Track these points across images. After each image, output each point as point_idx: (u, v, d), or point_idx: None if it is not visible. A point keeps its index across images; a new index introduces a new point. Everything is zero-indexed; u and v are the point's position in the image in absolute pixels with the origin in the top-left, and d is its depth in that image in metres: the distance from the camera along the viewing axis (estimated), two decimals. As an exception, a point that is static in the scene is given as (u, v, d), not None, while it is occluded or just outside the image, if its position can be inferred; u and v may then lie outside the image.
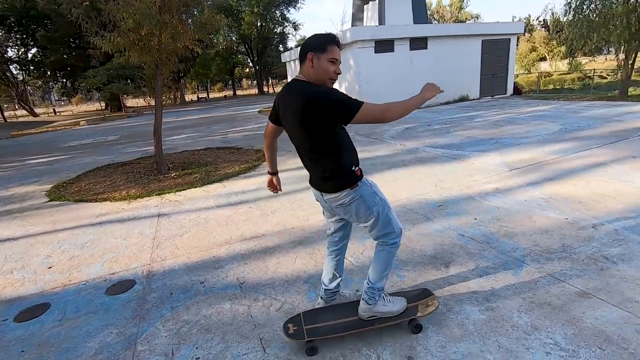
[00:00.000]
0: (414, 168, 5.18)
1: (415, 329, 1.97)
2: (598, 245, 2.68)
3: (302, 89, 1.64)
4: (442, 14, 44.94)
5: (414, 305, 2.03)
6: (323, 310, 2.08)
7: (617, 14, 10.36)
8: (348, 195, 1.73)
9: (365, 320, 1.95)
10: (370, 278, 1.92)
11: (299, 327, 1.92)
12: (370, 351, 1.87)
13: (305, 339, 1.86)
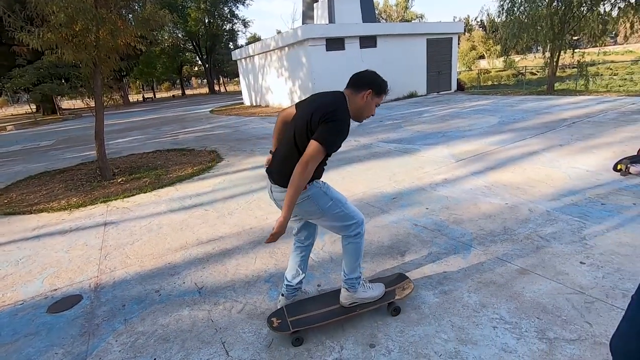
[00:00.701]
0: (368, 163, 5.32)
1: (394, 311, 2.07)
2: (534, 226, 2.95)
3: (338, 102, 1.74)
4: (389, 13, 46.48)
5: (391, 289, 2.14)
6: (305, 302, 2.12)
7: (542, 16, 11.40)
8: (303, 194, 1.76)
9: (347, 307, 2.02)
10: (346, 271, 1.99)
11: (283, 320, 1.95)
12: (333, 343, 1.90)
13: (290, 330, 1.89)
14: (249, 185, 4.74)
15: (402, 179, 4.41)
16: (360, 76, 1.80)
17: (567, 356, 1.69)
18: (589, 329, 1.84)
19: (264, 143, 7.57)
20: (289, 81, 14.33)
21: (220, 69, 45.29)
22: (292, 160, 1.69)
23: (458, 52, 39.22)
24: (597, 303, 2.02)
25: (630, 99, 8.89)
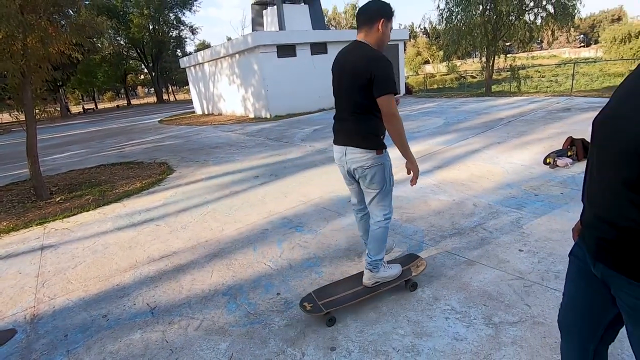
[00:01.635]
0: (324, 167, 5.39)
1: (411, 287, 2.27)
2: (478, 220, 3.16)
3: (370, 53, 1.82)
4: (338, 20, 47.64)
5: (407, 267, 2.35)
6: (330, 286, 2.26)
7: (477, 24, 12.32)
8: (373, 158, 1.93)
9: (371, 287, 2.18)
10: (371, 254, 2.15)
11: (314, 304, 2.07)
12: (295, 350, 1.90)
13: (323, 312, 2.01)
14: (203, 197, 4.59)
15: (357, 182, 4.51)
16: (367, 9, 1.87)
17: (511, 338, 1.82)
18: (529, 310, 2.01)
19: (218, 152, 7.39)
20: (242, 88, 14.14)
21: (168, 77, 43.51)
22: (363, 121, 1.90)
23: (405, 57, 41.08)
24: (534, 286, 2.20)
25: (555, 99, 9.85)
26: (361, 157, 1.93)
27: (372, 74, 1.77)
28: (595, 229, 0.96)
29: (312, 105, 13.60)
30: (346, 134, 1.98)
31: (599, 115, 0.93)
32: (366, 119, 1.90)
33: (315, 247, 2.97)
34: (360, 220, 2.39)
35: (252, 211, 3.92)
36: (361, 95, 1.85)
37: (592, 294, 1.08)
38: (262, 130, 9.89)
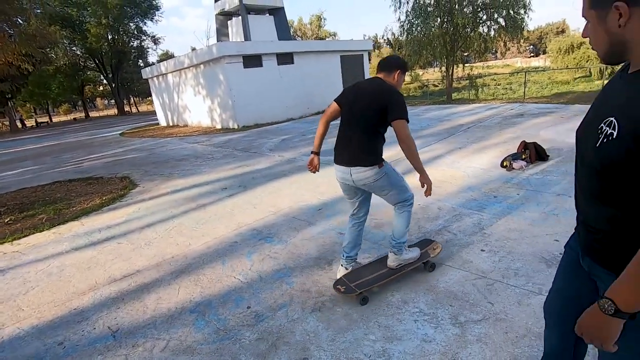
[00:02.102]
0: (293, 177, 5.39)
1: (430, 268, 2.52)
2: (443, 222, 3.28)
3: (388, 86, 2.18)
4: (304, 31, 48.22)
5: (425, 250, 2.59)
6: (359, 270, 2.45)
7: (436, 35, 12.92)
8: (377, 173, 2.18)
9: (395, 269, 2.40)
10: (395, 236, 2.37)
11: (347, 286, 2.29)
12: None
13: (357, 292, 2.21)
14: (169, 211, 4.44)
15: (326, 190, 4.55)
16: (389, 61, 2.27)
17: (476, 336, 1.90)
18: (491, 308, 2.10)
19: (184, 165, 7.19)
20: (208, 99, 13.90)
21: (129, 88, 41.98)
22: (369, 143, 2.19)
23: (370, 67, 42.05)
24: (496, 284, 2.31)
25: (510, 105, 10.48)
26: (367, 174, 2.18)
27: (389, 102, 2.09)
28: (583, 229, 1.02)
29: (280, 115, 13.60)
30: (353, 153, 2.21)
31: (580, 125, 0.99)
32: (372, 137, 2.19)
33: (286, 258, 2.95)
34: (352, 227, 2.50)
35: (220, 224, 3.84)
36: (374, 117, 2.14)
37: (578, 285, 1.11)
38: (229, 141, 9.74)
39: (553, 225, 2.97)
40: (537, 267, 2.43)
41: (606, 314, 0.81)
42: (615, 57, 0.86)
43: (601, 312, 0.82)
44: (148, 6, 32.64)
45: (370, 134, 2.18)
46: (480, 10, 12.78)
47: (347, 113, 2.25)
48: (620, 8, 0.76)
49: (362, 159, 2.17)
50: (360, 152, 2.19)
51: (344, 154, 2.25)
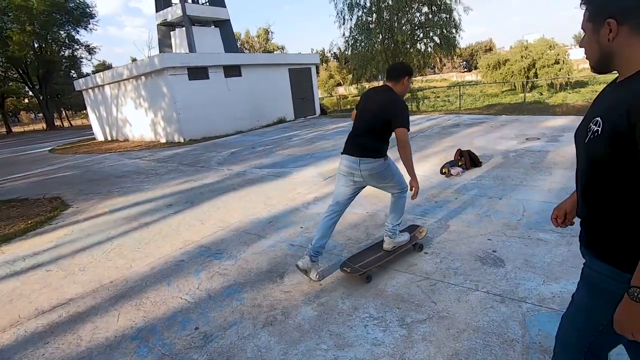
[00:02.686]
0: (243, 190, 5.30)
1: (419, 248, 2.91)
2: (389, 229, 3.41)
3: (395, 97, 2.53)
4: (252, 44, 48.10)
5: (413, 234, 2.95)
6: (360, 254, 2.79)
7: (378, 51, 13.62)
8: (381, 163, 2.54)
9: (390, 251, 2.75)
10: (392, 221, 2.73)
11: (352, 267, 2.57)
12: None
13: (361, 272, 2.52)
14: (107, 232, 4.13)
15: (277, 202, 4.53)
16: (396, 68, 2.60)
17: (421, 335, 1.99)
18: (435, 307, 2.22)
19: (124, 182, 6.74)
20: (150, 112, 13.24)
21: (60, 101, 38.63)
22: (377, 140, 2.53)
23: (318, 80, 42.81)
24: (438, 284, 2.45)
25: (447, 116, 11.28)
26: (374, 165, 2.53)
27: (394, 115, 2.43)
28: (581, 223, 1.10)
29: (229, 128, 13.34)
30: (362, 148, 2.54)
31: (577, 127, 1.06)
32: (377, 139, 2.54)
33: (236, 273, 2.88)
34: (330, 218, 2.69)
35: (165, 243, 3.65)
36: (380, 124, 2.49)
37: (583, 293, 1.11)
38: (175, 155, 9.34)
39: (486, 226, 3.23)
40: (474, 265, 2.63)
41: (637, 301, 0.84)
42: (603, 67, 0.98)
43: (633, 301, 0.84)
44: (81, 14, 30.46)
45: (375, 138, 2.53)
46: (418, 29, 13.74)
47: (359, 119, 2.64)
48: (611, 24, 0.89)
49: (370, 154, 2.52)
50: (370, 149, 2.54)
51: (355, 149, 2.57)
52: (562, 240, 2.82)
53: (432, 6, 13.08)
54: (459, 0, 12.99)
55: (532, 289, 2.27)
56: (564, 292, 2.21)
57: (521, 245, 2.82)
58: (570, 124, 7.48)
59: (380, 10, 13.15)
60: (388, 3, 12.97)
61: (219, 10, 17.12)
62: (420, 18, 13.49)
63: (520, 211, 3.45)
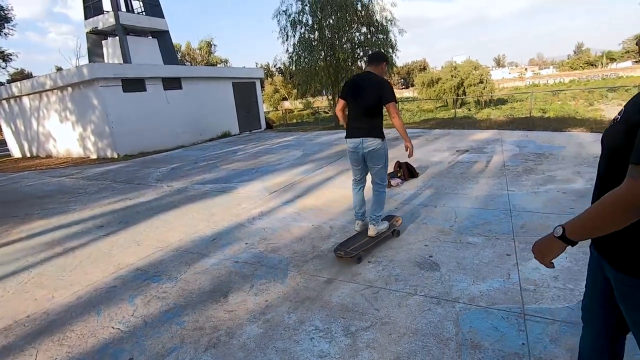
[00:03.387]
0: (185, 207, 5.06)
1: (397, 234, 3.40)
2: (334, 240, 3.49)
3: (380, 78, 3.03)
4: (193, 56, 46.75)
5: (391, 222, 3.43)
6: (348, 240, 3.20)
7: (321, 67, 14.02)
8: (380, 143, 3.04)
9: (374, 237, 3.18)
10: (375, 212, 3.19)
11: (344, 250, 2.99)
12: (152, 420, 1.66)
13: (352, 254, 2.94)
14: (24, 261, 3.67)
15: (221, 219, 4.40)
16: (376, 54, 3.17)
17: (365, 342, 2.05)
18: (377, 314, 2.30)
19: (46, 202, 6.07)
20: (78, 126, 12.16)
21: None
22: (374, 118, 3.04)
23: (264, 94, 42.73)
24: (380, 291, 2.55)
25: (388, 130, 11.86)
26: (374, 143, 3.02)
27: (383, 92, 2.94)
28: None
29: (169, 142, 12.72)
30: (364, 129, 3.02)
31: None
32: (375, 118, 3.03)
33: (176, 296, 2.73)
34: (357, 191, 3.36)
35: (94, 268, 3.34)
36: (374, 102, 2.97)
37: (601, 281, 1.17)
38: (107, 172, 8.64)
39: (423, 233, 3.44)
40: (412, 270, 2.78)
41: (554, 235, 1.02)
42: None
43: (552, 234, 1.03)
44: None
45: (372, 115, 3.02)
46: (358, 47, 14.42)
47: (353, 103, 3.08)
48: None
49: (372, 133, 3.01)
50: (371, 128, 3.01)
51: (358, 130, 3.06)
52: (488, 243, 3.10)
53: (370, 27, 13.86)
54: (394, 23, 13.94)
55: (464, 289, 2.46)
56: (490, 290, 2.43)
57: (454, 249, 3.04)
58: (493, 137, 8.31)
59: (322, 29, 13.62)
60: (329, 22, 13.48)
61: (156, 21, 16.48)
62: (359, 37, 14.19)
63: (452, 218, 3.73)
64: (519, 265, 2.68)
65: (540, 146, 6.79)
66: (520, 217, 3.56)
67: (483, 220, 3.59)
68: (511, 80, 59.28)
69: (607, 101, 27.29)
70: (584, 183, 4.38)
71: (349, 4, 13.24)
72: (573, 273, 2.51)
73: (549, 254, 1.07)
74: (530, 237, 3.12)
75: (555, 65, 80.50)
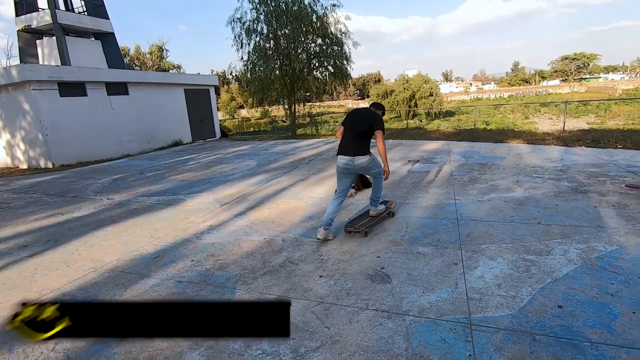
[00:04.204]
0: (125, 223, 4.67)
1: (392, 215, 4.08)
2: (286, 254, 3.37)
3: (375, 113, 3.67)
4: (144, 60, 44.54)
5: (387, 205, 4.07)
6: (354, 219, 3.86)
7: (277, 76, 13.95)
8: (369, 157, 3.53)
9: (375, 216, 3.84)
10: (375, 195, 3.86)
11: (353, 227, 3.59)
12: None
13: (360, 230, 3.54)
14: None
15: (166, 234, 4.10)
16: (377, 105, 3.80)
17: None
18: (328, 332, 2.21)
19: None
20: (6, 133, 10.96)
21: None
22: (365, 140, 3.55)
23: (219, 102, 41.69)
24: (332, 307, 2.47)
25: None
26: (364, 159, 3.53)
27: (375, 121, 3.53)
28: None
29: (113, 151, 11.88)
30: (356, 148, 3.52)
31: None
32: (364, 140, 3.56)
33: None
34: (336, 201, 3.68)
35: (11, 296, 2.92)
36: (367, 128, 3.52)
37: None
38: (39, 184, 7.82)
39: (376, 244, 3.44)
40: (364, 284, 2.74)
41: None
42: None
43: None
44: None
45: (363, 139, 3.56)
46: (314, 58, 14.56)
47: (350, 128, 3.61)
48: None
49: (362, 151, 3.53)
50: (361, 148, 3.54)
51: (349, 150, 3.55)
52: (437, 252, 3.17)
53: (325, 38, 14.06)
54: (349, 36, 14.28)
55: (414, 301, 2.46)
56: (439, 300, 2.45)
57: (405, 260, 3.06)
58: (441, 148, 8.72)
59: (278, 38, 13.58)
60: (285, 32, 13.49)
61: (100, 22, 15.48)
62: (315, 48, 14.34)
63: (404, 228, 3.78)
64: (466, 274, 2.75)
65: (484, 157, 7.22)
66: (466, 226, 3.69)
67: (432, 229, 3.68)
68: (458, 93, 63.27)
69: (540, 115, 30.04)
70: (522, 192, 4.68)
71: (304, 15, 13.36)
72: (514, 280, 2.62)
73: None
74: (475, 245, 3.24)
75: (495, 82, 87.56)
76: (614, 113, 26.47)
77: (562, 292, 2.43)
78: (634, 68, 66.59)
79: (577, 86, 55.06)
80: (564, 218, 3.71)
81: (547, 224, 3.58)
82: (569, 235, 3.29)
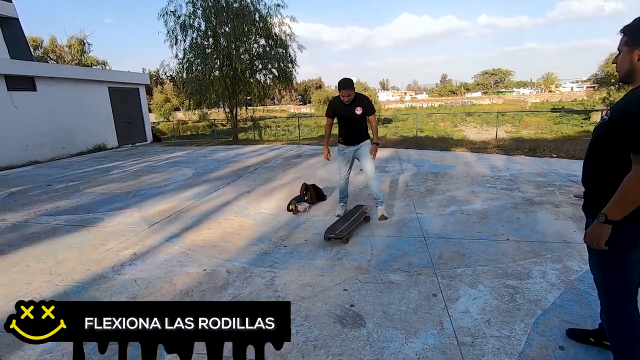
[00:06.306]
0: (17, 253, 3.61)
1: (368, 219, 4.05)
2: (233, 290, 2.73)
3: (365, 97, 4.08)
4: (60, 54, 39.49)
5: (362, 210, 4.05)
6: (335, 225, 3.72)
7: (217, 77, 12.97)
8: (369, 142, 4.10)
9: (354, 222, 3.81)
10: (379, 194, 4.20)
11: (334, 233, 3.51)
12: None
13: (341, 236, 3.44)
14: None
15: (72, 269, 3.18)
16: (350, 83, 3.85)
17: None
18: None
19: None
20: None
21: None
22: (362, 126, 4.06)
23: (152, 103, 38.67)
24: (292, 353, 1.90)
25: (289, 146, 11.50)
26: (367, 143, 4.06)
27: (367, 106, 3.95)
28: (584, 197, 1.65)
29: (15, 158, 9.96)
30: (360, 136, 4.04)
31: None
32: (363, 126, 4.06)
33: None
34: (344, 183, 4.24)
35: None
36: (361, 114, 3.91)
37: None
38: None
39: (340, 272, 2.95)
40: (334, 330, 2.22)
41: (599, 221, 1.42)
42: (628, 79, 1.45)
43: (598, 222, 1.43)
44: None
45: (361, 123, 3.99)
46: (257, 59, 13.84)
47: (343, 117, 3.99)
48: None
49: (365, 137, 4.07)
50: (364, 134, 4.07)
51: (356, 138, 4.03)
52: (411, 280, 2.76)
53: (269, 39, 13.42)
54: (294, 38, 13.81)
55: (397, 353, 1.99)
56: (426, 349, 2.02)
57: (377, 293, 2.61)
58: (391, 156, 8.59)
59: (217, 36, 12.62)
60: (225, 30, 12.59)
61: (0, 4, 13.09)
62: (258, 49, 13.62)
63: (369, 250, 3.34)
64: (449, 309, 2.37)
65: (435, 165, 7.18)
66: (435, 246, 3.37)
67: (401, 251, 3.29)
68: (394, 102, 66.42)
69: (466, 124, 32.53)
70: (481, 203, 4.55)
71: (246, 13, 12.62)
72: (502, 314, 2.29)
73: (600, 239, 1.43)
74: (450, 269, 2.90)
75: (427, 92, 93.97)
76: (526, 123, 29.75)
77: (556, 327, 2.15)
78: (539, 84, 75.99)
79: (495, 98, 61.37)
80: (529, 233, 3.57)
81: (516, 241, 3.40)
82: (541, 253, 3.12)
